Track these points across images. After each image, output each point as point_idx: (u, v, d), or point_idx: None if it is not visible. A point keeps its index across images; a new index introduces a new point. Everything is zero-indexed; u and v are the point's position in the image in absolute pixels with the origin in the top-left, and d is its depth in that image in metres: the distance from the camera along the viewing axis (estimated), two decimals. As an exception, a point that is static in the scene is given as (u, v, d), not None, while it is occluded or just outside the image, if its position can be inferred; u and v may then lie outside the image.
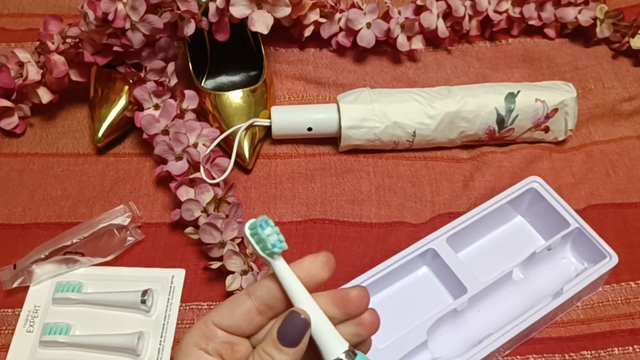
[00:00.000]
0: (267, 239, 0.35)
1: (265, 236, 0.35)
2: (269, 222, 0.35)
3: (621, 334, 0.56)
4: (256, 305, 0.35)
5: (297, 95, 0.73)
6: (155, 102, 0.64)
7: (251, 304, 0.35)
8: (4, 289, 0.57)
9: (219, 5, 0.63)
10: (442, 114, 0.65)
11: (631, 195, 0.65)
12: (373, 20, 0.73)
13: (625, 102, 0.73)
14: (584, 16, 0.77)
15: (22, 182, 0.65)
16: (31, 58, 0.66)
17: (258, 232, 0.35)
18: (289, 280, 0.35)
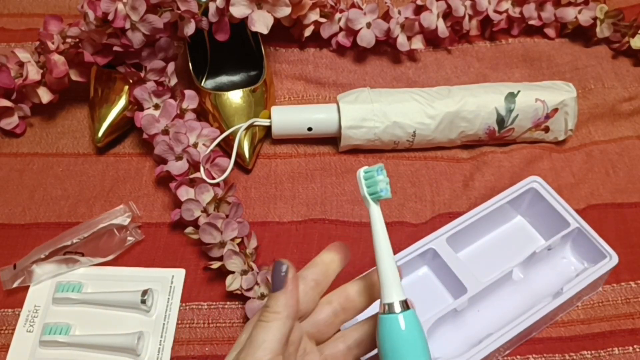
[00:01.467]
0: (379, 183, 0.39)
1: (378, 180, 0.39)
2: (384, 171, 0.39)
3: (621, 334, 0.56)
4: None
5: (297, 95, 0.73)
6: (155, 102, 0.64)
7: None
8: (4, 289, 0.57)
9: (219, 5, 0.63)
10: (442, 114, 0.65)
11: (631, 195, 0.65)
12: (373, 20, 0.73)
13: (625, 102, 0.73)
14: (584, 16, 0.77)
15: (22, 182, 0.65)
16: (31, 58, 0.66)
17: (373, 176, 0.39)
18: (378, 225, 0.39)
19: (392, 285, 0.38)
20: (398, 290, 0.38)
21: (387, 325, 0.38)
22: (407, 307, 0.38)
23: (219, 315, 0.57)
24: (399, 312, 0.38)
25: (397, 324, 0.38)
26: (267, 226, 0.62)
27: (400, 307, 0.38)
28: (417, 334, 0.38)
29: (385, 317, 0.38)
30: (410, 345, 0.38)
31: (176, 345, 0.55)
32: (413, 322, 0.38)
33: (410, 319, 0.38)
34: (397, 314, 0.38)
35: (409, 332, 0.38)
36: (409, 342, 0.38)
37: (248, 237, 0.58)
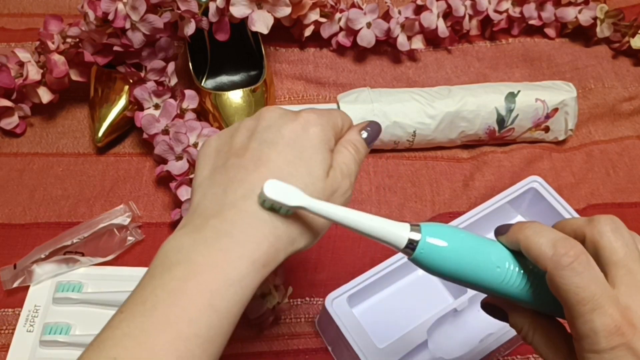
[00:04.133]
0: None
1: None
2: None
3: (621, 334, 0.56)
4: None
5: (297, 95, 0.73)
6: (155, 101, 0.64)
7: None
8: (4, 289, 0.57)
9: (219, 5, 0.63)
10: (442, 113, 0.65)
11: (631, 195, 0.65)
12: (373, 20, 0.73)
13: (625, 101, 0.73)
14: (584, 16, 0.77)
15: (22, 182, 0.65)
16: (31, 58, 0.66)
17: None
18: (329, 213, 0.35)
19: (392, 228, 0.35)
20: (398, 227, 0.35)
21: (430, 258, 0.34)
22: (417, 225, 0.35)
23: (219, 315, 0.56)
24: (420, 239, 0.34)
25: (434, 249, 0.34)
26: (267, 226, 0.62)
27: (418, 233, 0.34)
28: (458, 236, 0.35)
29: (420, 254, 0.34)
30: (469, 248, 0.34)
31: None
32: (443, 231, 0.34)
33: (435, 230, 0.34)
34: (425, 241, 0.34)
35: (449, 241, 0.34)
36: (465, 248, 0.34)
37: (248, 237, 0.58)
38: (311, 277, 0.59)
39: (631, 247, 0.33)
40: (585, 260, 0.32)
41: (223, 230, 0.34)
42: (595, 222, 0.33)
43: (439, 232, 0.34)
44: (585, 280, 0.31)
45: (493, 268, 0.35)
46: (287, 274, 0.57)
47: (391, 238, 0.35)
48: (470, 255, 0.34)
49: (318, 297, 0.58)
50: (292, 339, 0.55)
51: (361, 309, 0.55)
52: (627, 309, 0.31)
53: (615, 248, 0.32)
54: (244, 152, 0.37)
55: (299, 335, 0.56)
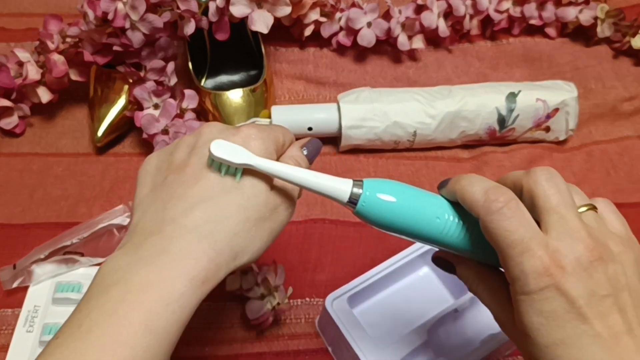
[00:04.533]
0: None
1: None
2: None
3: (622, 334, 0.55)
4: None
5: (298, 95, 0.73)
6: (155, 101, 0.64)
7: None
8: (3, 289, 0.57)
9: (219, 5, 0.63)
10: (442, 113, 0.65)
11: (632, 195, 0.65)
12: (373, 20, 0.73)
13: (625, 101, 0.73)
14: (584, 16, 0.77)
15: (22, 182, 0.65)
16: (31, 57, 0.66)
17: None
18: (275, 170, 0.36)
19: (335, 184, 0.36)
20: (341, 182, 0.36)
21: (372, 211, 0.36)
22: (359, 181, 0.36)
23: (218, 315, 0.56)
24: (362, 192, 0.35)
25: (376, 202, 0.35)
26: (267, 226, 0.62)
27: (360, 188, 0.36)
28: (399, 189, 0.36)
29: (362, 207, 0.36)
30: (412, 199, 0.36)
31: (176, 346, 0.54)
32: (384, 186, 0.36)
33: (377, 185, 0.36)
34: (366, 194, 0.35)
35: (391, 194, 0.36)
36: (405, 201, 0.36)
37: (248, 237, 0.58)
38: (311, 277, 0.59)
39: (565, 195, 0.33)
40: (514, 206, 0.33)
41: (161, 247, 0.34)
42: (532, 173, 0.34)
43: (380, 186, 0.36)
44: (515, 224, 0.32)
45: (433, 219, 0.36)
46: (287, 274, 0.57)
47: (335, 193, 0.36)
48: (410, 208, 0.36)
49: (318, 298, 0.58)
50: (292, 340, 0.55)
51: (361, 309, 0.55)
52: (556, 252, 0.32)
53: (549, 195, 0.33)
54: (184, 168, 0.37)
55: (299, 336, 0.56)
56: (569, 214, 0.33)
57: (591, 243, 0.32)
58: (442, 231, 0.36)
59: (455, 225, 0.36)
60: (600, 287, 0.32)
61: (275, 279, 0.55)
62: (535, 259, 0.31)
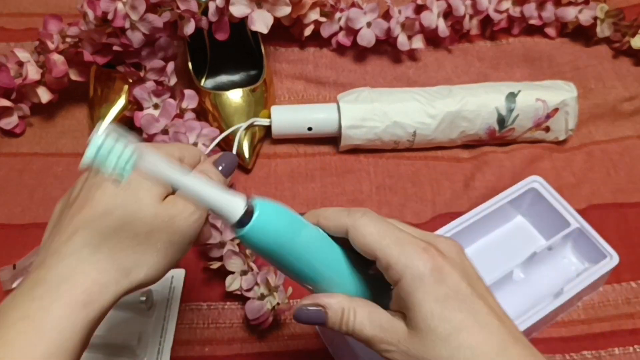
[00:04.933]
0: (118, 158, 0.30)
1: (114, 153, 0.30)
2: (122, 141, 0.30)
3: (622, 334, 0.56)
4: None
5: (297, 95, 0.73)
6: (154, 101, 0.64)
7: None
8: (3, 289, 0.57)
9: (219, 5, 0.63)
10: (442, 113, 0.65)
11: (632, 195, 0.65)
12: (373, 20, 0.73)
13: (625, 101, 0.73)
14: (584, 15, 0.77)
15: (22, 182, 0.65)
16: (31, 57, 0.66)
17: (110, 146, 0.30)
18: (157, 168, 0.32)
19: (228, 199, 0.33)
20: (236, 198, 0.34)
21: (257, 235, 0.34)
22: (251, 207, 0.34)
23: (218, 315, 0.56)
24: (255, 215, 0.33)
25: (266, 226, 0.34)
26: (267, 226, 0.62)
27: (251, 209, 0.34)
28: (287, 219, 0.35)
29: (248, 230, 0.33)
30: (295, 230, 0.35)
31: (176, 346, 0.54)
32: (274, 212, 0.34)
33: (269, 210, 0.34)
34: (256, 218, 0.33)
35: (279, 222, 0.34)
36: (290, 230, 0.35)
37: (248, 237, 0.58)
38: (311, 277, 0.59)
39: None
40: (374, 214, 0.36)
41: (40, 278, 0.34)
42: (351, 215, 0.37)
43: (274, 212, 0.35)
44: (384, 224, 0.36)
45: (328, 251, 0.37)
46: (287, 274, 0.57)
47: (223, 209, 0.33)
48: (290, 240, 0.35)
49: (318, 298, 0.58)
50: (292, 340, 0.55)
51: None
52: (430, 243, 0.36)
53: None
54: (74, 201, 0.37)
55: (299, 336, 0.56)
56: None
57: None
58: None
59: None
60: (471, 271, 0.35)
61: (275, 279, 0.55)
62: (414, 245, 0.34)
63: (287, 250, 0.35)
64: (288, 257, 0.35)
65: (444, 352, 0.32)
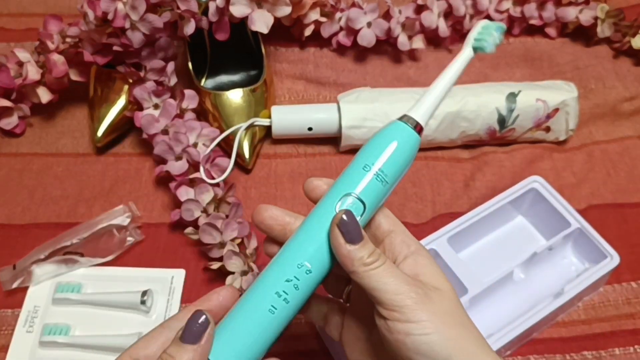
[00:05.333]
0: (490, 36, 0.40)
1: (491, 34, 0.40)
2: (502, 32, 0.40)
3: (622, 335, 0.55)
4: (172, 336, 0.35)
5: (298, 95, 0.73)
6: (155, 101, 0.64)
7: (166, 337, 0.36)
8: (3, 290, 0.57)
9: (219, 5, 0.63)
10: (442, 113, 0.65)
11: (632, 195, 0.65)
12: (373, 20, 0.73)
13: (626, 101, 0.73)
14: (584, 16, 0.77)
15: (22, 182, 0.65)
16: (31, 58, 0.66)
17: (490, 29, 0.40)
18: (457, 65, 0.41)
19: (424, 107, 0.39)
20: (425, 115, 0.39)
21: (395, 130, 0.38)
22: (419, 131, 0.38)
23: (219, 315, 0.56)
24: (411, 127, 0.38)
25: (403, 134, 0.38)
26: (267, 226, 0.62)
27: (414, 127, 0.38)
28: (409, 156, 0.38)
29: (399, 123, 0.38)
30: (397, 158, 0.38)
31: (176, 346, 0.54)
32: (413, 144, 0.38)
33: (414, 140, 0.38)
34: (410, 128, 0.38)
35: (406, 148, 0.38)
36: (398, 155, 0.38)
37: (248, 238, 0.58)
38: (311, 277, 0.59)
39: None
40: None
41: None
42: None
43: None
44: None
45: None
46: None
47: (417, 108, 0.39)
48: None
49: (318, 298, 0.58)
50: (292, 341, 0.55)
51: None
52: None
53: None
54: None
55: (299, 336, 0.56)
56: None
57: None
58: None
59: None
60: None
61: (275, 279, 0.55)
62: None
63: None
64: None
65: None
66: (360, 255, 0.35)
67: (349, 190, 0.37)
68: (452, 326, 0.34)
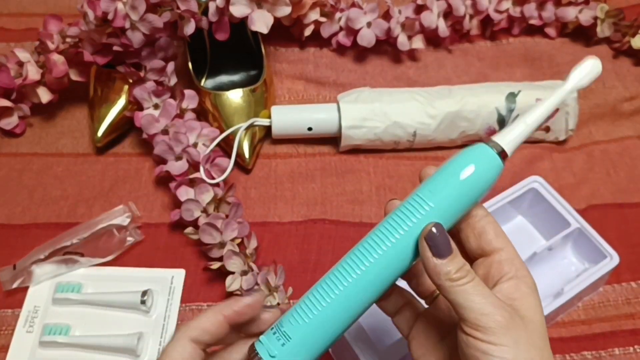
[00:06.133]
0: None
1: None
2: None
3: (622, 335, 0.56)
4: (222, 319, 0.37)
5: (297, 95, 0.73)
6: (154, 101, 0.64)
7: (216, 318, 0.37)
8: (3, 290, 0.57)
9: (219, 5, 0.63)
10: (442, 113, 0.65)
11: (632, 195, 0.65)
12: (373, 20, 0.73)
13: (626, 101, 0.73)
14: (584, 15, 0.77)
15: (22, 182, 0.65)
16: (31, 58, 0.66)
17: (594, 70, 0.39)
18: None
19: (517, 135, 0.38)
20: (512, 144, 0.37)
21: (489, 166, 0.36)
22: (503, 158, 0.37)
23: (219, 315, 0.56)
24: (501, 160, 0.37)
25: (494, 172, 0.36)
26: (267, 226, 0.62)
27: (500, 156, 0.37)
28: (491, 186, 0.37)
29: (495, 158, 0.36)
30: (483, 189, 0.37)
31: (176, 346, 0.54)
32: (497, 176, 0.37)
33: (499, 172, 0.37)
34: (501, 164, 0.37)
35: (492, 183, 0.37)
36: (485, 188, 0.37)
37: (248, 238, 0.58)
38: (311, 277, 0.59)
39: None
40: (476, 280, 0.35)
41: None
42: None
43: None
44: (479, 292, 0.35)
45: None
46: (287, 274, 0.57)
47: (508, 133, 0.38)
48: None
49: (318, 298, 0.57)
50: (292, 340, 0.55)
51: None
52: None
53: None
54: None
55: (299, 336, 0.55)
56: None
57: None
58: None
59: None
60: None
61: (276, 279, 0.55)
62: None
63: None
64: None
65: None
66: (447, 270, 0.34)
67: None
68: (532, 357, 0.33)
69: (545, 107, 0.39)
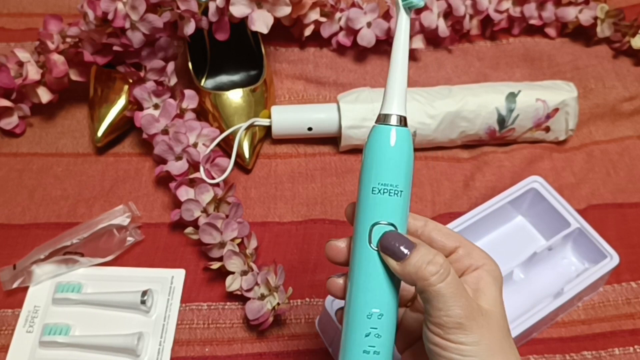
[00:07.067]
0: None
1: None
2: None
3: (622, 335, 0.56)
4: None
5: (297, 95, 0.73)
6: (155, 101, 0.64)
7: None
8: (3, 290, 0.57)
9: (219, 5, 0.63)
10: (442, 113, 0.65)
11: (632, 195, 0.65)
12: (373, 20, 0.73)
13: (626, 101, 0.73)
14: (584, 15, 0.77)
15: (22, 182, 0.65)
16: (31, 58, 0.66)
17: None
18: (402, 35, 0.38)
19: (395, 98, 0.37)
20: (400, 105, 0.37)
21: (378, 136, 0.36)
22: (404, 124, 0.37)
23: (218, 316, 0.56)
24: (393, 125, 0.36)
25: (388, 137, 0.36)
26: (267, 226, 0.62)
27: (397, 122, 0.36)
28: (406, 153, 0.37)
29: (378, 127, 0.36)
30: (396, 162, 0.36)
31: (176, 346, 0.55)
32: (404, 140, 0.36)
33: (403, 136, 0.36)
34: (391, 127, 0.36)
35: (398, 148, 0.36)
36: (395, 159, 0.36)
37: (248, 238, 0.58)
38: (311, 277, 0.59)
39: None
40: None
41: None
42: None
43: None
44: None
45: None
46: (287, 274, 0.57)
47: (385, 102, 0.37)
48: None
49: (318, 298, 0.58)
50: (292, 340, 0.55)
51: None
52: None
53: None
54: None
55: (299, 336, 0.56)
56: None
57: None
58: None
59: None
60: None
61: (276, 279, 0.55)
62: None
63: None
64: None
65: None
66: (410, 270, 0.35)
67: (371, 222, 0.38)
68: (494, 353, 0.34)
69: (402, 51, 0.38)
